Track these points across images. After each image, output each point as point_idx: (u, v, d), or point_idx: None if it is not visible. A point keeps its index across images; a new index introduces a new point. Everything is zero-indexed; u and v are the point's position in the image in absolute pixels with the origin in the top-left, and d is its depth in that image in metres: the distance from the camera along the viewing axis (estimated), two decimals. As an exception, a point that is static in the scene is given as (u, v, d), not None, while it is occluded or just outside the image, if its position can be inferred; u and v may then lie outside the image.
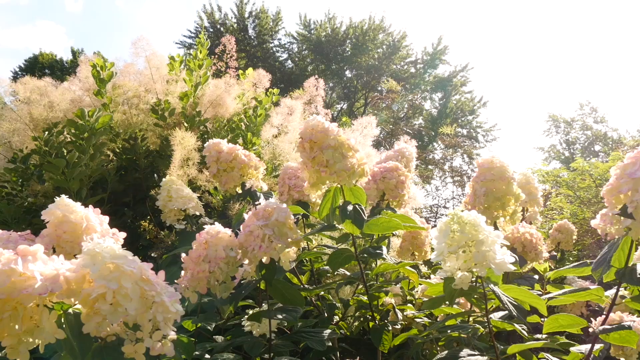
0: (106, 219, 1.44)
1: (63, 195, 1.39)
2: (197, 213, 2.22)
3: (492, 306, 1.48)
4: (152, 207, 2.24)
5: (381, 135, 14.11)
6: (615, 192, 1.26)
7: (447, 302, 1.21)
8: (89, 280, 0.93)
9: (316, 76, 3.54)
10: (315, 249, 2.02)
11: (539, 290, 1.76)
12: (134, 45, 2.81)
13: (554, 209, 5.25)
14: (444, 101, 17.38)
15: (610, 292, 1.38)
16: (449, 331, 1.50)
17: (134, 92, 2.77)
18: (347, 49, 17.31)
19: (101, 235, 1.40)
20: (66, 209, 1.36)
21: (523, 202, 2.76)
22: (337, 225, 1.44)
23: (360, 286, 1.77)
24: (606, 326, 1.28)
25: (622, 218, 1.25)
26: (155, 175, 2.67)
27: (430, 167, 15.59)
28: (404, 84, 15.78)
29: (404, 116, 17.31)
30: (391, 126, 12.34)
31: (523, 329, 1.29)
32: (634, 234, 1.23)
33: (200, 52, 3.11)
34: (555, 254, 2.92)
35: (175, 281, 1.30)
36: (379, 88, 15.07)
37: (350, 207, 1.38)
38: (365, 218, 1.36)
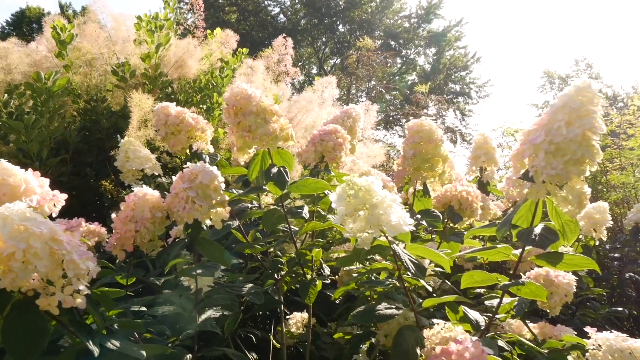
0: (46, 181, 1.50)
1: (2, 160, 1.44)
2: (155, 173, 2.29)
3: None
4: (114, 167, 2.31)
5: (373, 94, 14.06)
6: (520, 157, 1.34)
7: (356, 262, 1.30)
8: (2, 241, 1.01)
9: (284, 35, 3.55)
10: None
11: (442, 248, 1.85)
12: (91, 7, 2.82)
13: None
14: (437, 57, 17.23)
15: (518, 251, 1.46)
16: (373, 285, 1.61)
17: (93, 54, 2.80)
18: (340, 3, 17.02)
19: (41, 197, 1.47)
20: (4, 173, 1.42)
21: (480, 161, 2.84)
22: (264, 187, 1.51)
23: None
24: (506, 282, 1.38)
25: (523, 182, 1.33)
26: (118, 135, 2.72)
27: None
28: (383, 40, 15.53)
29: (397, 72, 17.19)
30: (367, 84, 12.24)
31: (429, 284, 1.38)
32: (533, 196, 1.31)
33: (166, 10, 3.10)
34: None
35: (106, 239, 1.39)
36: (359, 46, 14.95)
37: (274, 170, 1.46)
38: (288, 180, 1.43)
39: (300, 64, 17.79)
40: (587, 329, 1.68)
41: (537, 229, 1.32)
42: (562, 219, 1.37)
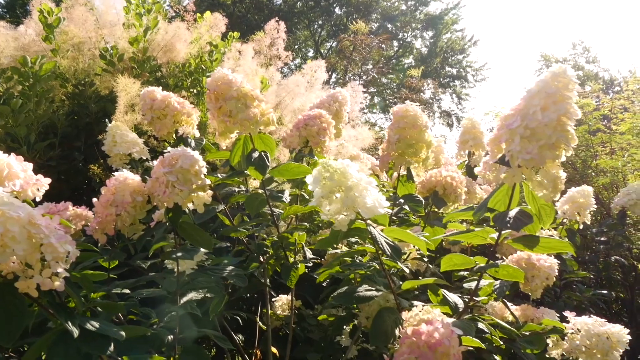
0: (30, 165, 1.51)
1: (-15, 144, 1.46)
2: (143, 157, 2.30)
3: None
4: (103, 151, 2.33)
5: (369, 78, 14.02)
6: (497, 141, 1.35)
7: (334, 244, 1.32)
8: (-20, 225, 1.03)
9: (277, 19, 3.53)
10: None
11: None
12: (76, -10, 2.81)
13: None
14: (434, 40, 17.14)
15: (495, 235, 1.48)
16: (356, 268, 1.63)
17: (81, 38, 2.79)
18: (337, -15, 16.89)
19: (24, 181, 1.49)
20: (-14, 157, 1.43)
21: (469, 145, 2.85)
22: (246, 171, 1.53)
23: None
24: (482, 265, 1.40)
25: (500, 166, 1.35)
26: (106, 120, 2.73)
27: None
28: (379, 24, 15.41)
29: (393, 55, 17.10)
30: (360, 68, 12.21)
31: (407, 266, 1.41)
32: (509, 180, 1.32)
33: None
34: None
35: (89, 224, 1.41)
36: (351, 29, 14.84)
37: (255, 154, 1.47)
38: (269, 164, 1.45)
39: (296, 47, 17.69)
40: (567, 313, 1.71)
41: (512, 213, 1.34)
42: (538, 203, 1.38)
